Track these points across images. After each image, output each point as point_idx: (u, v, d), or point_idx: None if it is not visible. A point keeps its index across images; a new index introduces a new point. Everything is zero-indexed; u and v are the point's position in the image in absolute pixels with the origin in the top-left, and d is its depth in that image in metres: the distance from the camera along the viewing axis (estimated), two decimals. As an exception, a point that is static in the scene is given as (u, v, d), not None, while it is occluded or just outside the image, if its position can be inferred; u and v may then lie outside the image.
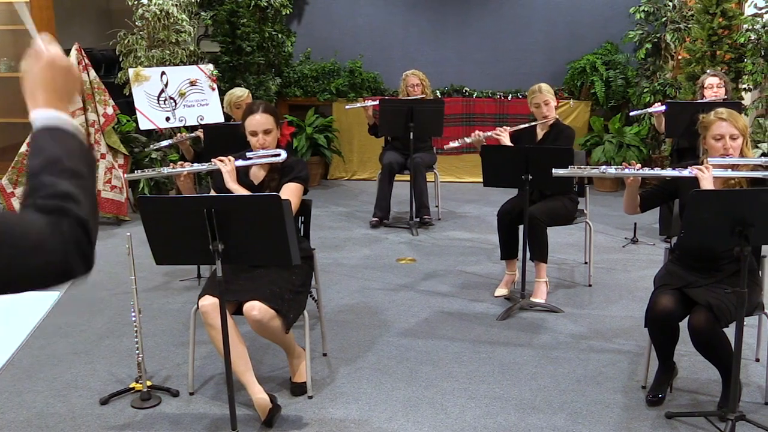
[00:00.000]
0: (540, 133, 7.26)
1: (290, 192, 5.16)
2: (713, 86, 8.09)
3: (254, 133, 5.27)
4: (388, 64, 12.46)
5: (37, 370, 5.62)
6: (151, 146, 9.13)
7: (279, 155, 5.19)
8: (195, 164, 5.47)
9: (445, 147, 7.80)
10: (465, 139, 7.26)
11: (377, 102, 9.46)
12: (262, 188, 5.28)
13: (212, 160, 5.27)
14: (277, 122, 5.35)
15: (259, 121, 5.25)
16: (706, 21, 10.12)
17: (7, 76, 10.70)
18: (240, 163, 5.23)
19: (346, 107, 10.33)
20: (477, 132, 7.12)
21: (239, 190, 5.13)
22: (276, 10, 12.14)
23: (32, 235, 1.76)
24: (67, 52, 9.32)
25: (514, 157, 6.52)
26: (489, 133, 7.09)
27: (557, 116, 7.34)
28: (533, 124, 7.24)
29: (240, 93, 8.05)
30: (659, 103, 8.75)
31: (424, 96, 9.56)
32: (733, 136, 4.86)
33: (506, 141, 7.05)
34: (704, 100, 7.94)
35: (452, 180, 12.17)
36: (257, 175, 5.37)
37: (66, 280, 1.84)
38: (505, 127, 7.17)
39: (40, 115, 1.93)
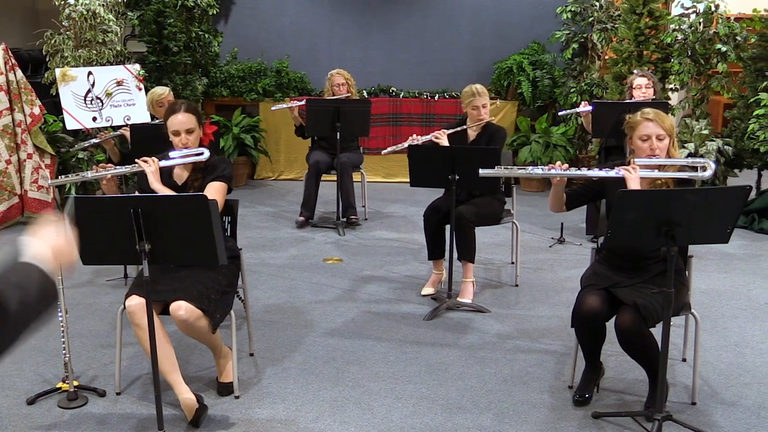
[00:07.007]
0: (472, 135, 7.23)
1: (214, 191, 5.13)
2: (642, 86, 8.13)
3: (177, 133, 5.23)
4: (315, 64, 12.46)
5: (-39, 371, 5.53)
6: (76, 146, 9.02)
7: (201, 154, 5.16)
8: (119, 167, 5.41)
9: (383, 152, 7.72)
10: (402, 144, 7.21)
11: (303, 102, 9.41)
12: (186, 188, 5.25)
13: (136, 161, 5.22)
14: (200, 121, 5.32)
15: (181, 120, 5.22)
16: (633, 21, 10.27)
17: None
18: (163, 163, 5.18)
19: (272, 108, 10.27)
20: (414, 136, 7.09)
21: (163, 191, 5.08)
22: (203, 10, 12.08)
23: None
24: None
25: (441, 157, 6.52)
26: (428, 137, 7.03)
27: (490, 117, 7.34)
28: (466, 127, 7.21)
29: (161, 91, 8.02)
30: (585, 103, 8.80)
31: (349, 95, 9.55)
32: (660, 137, 4.87)
33: (445, 143, 6.99)
34: (633, 101, 7.99)
35: (379, 180, 12.21)
36: (181, 175, 5.33)
37: None
38: (443, 130, 7.13)
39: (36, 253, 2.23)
